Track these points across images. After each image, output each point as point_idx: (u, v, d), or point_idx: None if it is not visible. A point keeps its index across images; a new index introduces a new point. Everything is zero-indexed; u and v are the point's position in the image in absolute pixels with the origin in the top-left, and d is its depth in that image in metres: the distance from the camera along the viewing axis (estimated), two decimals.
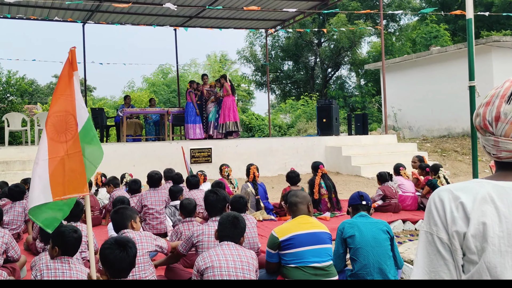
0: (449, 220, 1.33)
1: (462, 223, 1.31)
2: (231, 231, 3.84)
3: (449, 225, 1.33)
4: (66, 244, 3.69)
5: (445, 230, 1.34)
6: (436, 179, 8.38)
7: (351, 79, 32.72)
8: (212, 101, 14.29)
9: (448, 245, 1.33)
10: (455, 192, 1.35)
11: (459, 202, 1.32)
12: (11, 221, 6.48)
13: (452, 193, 1.35)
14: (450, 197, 1.35)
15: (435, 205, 1.37)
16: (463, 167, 13.84)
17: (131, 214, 4.33)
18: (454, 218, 1.32)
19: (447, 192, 1.37)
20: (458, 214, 1.32)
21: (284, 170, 11.53)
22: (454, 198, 1.34)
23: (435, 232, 1.36)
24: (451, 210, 1.33)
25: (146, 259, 4.08)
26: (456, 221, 1.32)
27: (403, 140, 17.28)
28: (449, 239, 1.33)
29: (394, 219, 7.55)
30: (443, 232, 1.34)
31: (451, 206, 1.34)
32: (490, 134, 1.42)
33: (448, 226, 1.33)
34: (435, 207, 1.37)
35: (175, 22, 17.65)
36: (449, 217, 1.33)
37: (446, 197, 1.36)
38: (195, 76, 30.47)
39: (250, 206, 7.78)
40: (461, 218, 1.31)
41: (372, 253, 4.30)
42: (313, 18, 29.16)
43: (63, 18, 16.08)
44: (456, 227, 1.31)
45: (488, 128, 1.41)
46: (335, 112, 15.00)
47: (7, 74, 18.43)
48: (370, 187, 10.94)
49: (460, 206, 1.32)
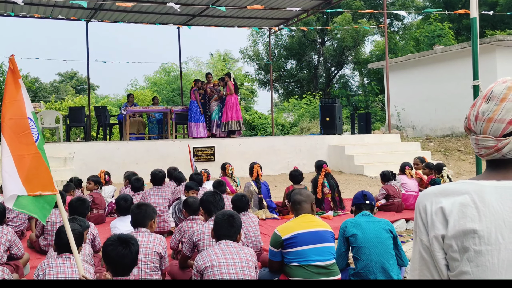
0: (429, 224, 1.39)
1: (440, 226, 1.36)
2: (228, 230, 3.84)
3: (429, 228, 1.39)
4: (62, 242, 3.69)
5: (426, 234, 1.40)
6: (440, 178, 8.37)
7: (355, 78, 32.69)
8: (215, 100, 14.29)
9: (427, 246, 1.40)
10: (437, 197, 1.40)
11: (439, 206, 1.37)
12: (14, 218, 6.50)
13: (434, 197, 1.40)
14: (432, 201, 1.40)
15: (419, 208, 1.43)
16: (466, 167, 13.81)
17: (152, 214, 4.35)
18: (433, 222, 1.38)
19: (430, 196, 1.42)
20: (437, 218, 1.37)
21: (287, 169, 11.53)
22: (435, 202, 1.39)
23: (418, 233, 1.43)
24: (431, 214, 1.39)
25: (155, 259, 4.10)
26: (434, 225, 1.37)
27: (407, 140, 17.25)
28: (428, 241, 1.39)
29: (397, 218, 7.55)
30: (424, 235, 1.40)
31: (432, 210, 1.39)
32: (473, 134, 1.48)
33: (428, 230, 1.39)
34: (419, 211, 1.43)
35: (178, 20, 17.66)
36: (430, 221, 1.39)
37: (428, 201, 1.41)
38: (198, 75, 30.47)
39: (253, 204, 7.79)
40: (440, 222, 1.36)
41: (375, 252, 4.31)
42: (317, 17, 29.13)
43: (67, 17, 16.09)
44: (435, 231, 1.37)
45: (471, 127, 1.47)
46: (338, 111, 14.99)
47: None
48: (373, 186, 10.92)
49: (440, 211, 1.37)
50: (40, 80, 42.10)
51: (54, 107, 22.29)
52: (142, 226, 4.26)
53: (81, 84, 45.79)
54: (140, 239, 4.01)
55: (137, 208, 4.35)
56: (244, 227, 5.24)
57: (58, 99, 29.38)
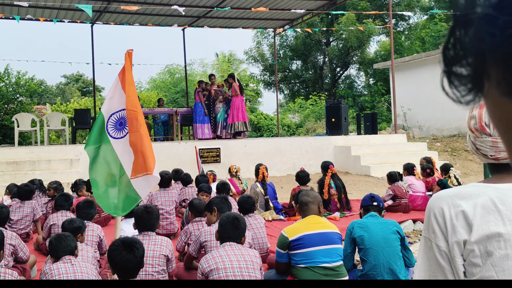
0: (449, 229, 1.31)
1: (463, 231, 1.29)
2: (232, 232, 3.82)
3: (449, 234, 1.31)
4: (57, 246, 3.71)
5: (444, 239, 1.32)
6: (447, 179, 8.31)
7: (360, 79, 32.61)
8: (220, 101, 14.27)
9: (446, 253, 1.32)
10: (455, 200, 1.32)
11: (460, 210, 1.30)
12: (19, 221, 6.49)
13: (452, 200, 1.32)
14: (450, 205, 1.32)
15: (433, 212, 1.35)
16: (473, 167, 13.74)
17: (159, 216, 4.35)
18: (454, 227, 1.30)
19: (446, 200, 1.34)
20: (458, 223, 1.29)
21: (293, 170, 11.49)
22: (454, 205, 1.31)
23: (433, 239, 1.34)
24: (451, 218, 1.31)
25: (162, 261, 4.09)
26: (456, 230, 1.30)
27: (413, 140, 17.18)
28: (447, 247, 1.31)
29: (404, 219, 7.50)
30: (442, 241, 1.32)
31: (450, 214, 1.31)
32: (486, 136, 1.42)
33: (448, 236, 1.31)
34: (434, 215, 1.34)
35: (183, 22, 17.67)
36: (449, 226, 1.31)
37: (445, 205, 1.33)
38: (203, 76, 30.48)
39: (259, 206, 7.76)
40: (462, 226, 1.29)
41: (382, 253, 4.28)
42: (321, 18, 29.07)
43: (72, 19, 16.14)
44: (456, 237, 1.29)
45: (485, 129, 1.41)
46: (344, 111, 14.94)
47: (17, 75, 18.51)
48: (380, 187, 10.87)
49: (461, 215, 1.29)
50: (45, 83, 42.27)
51: (59, 109, 22.34)
52: (150, 230, 4.24)
53: (86, 86, 45.90)
54: (147, 242, 4.00)
55: (146, 212, 4.31)
56: (251, 228, 5.22)
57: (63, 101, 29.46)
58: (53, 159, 11.11)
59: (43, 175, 9.82)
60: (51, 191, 7.33)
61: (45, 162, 11.12)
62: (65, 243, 3.72)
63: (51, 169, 10.99)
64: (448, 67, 0.65)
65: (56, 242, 3.73)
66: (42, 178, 8.63)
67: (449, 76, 0.65)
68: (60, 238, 3.75)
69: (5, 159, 11.02)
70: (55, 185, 7.36)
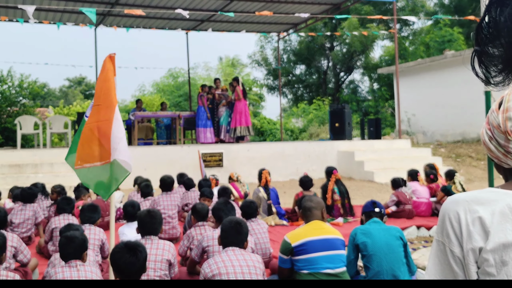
0: (465, 235, 1.26)
1: (479, 238, 1.24)
2: (235, 237, 3.79)
3: (464, 240, 1.26)
4: (67, 251, 3.67)
5: (459, 245, 1.27)
6: (451, 185, 8.26)
7: (364, 83, 32.57)
8: (224, 105, 14.25)
9: (460, 259, 1.27)
10: (472, 205, 1.27)
11: (477, 216, 1.25)
12: (20, 224, 6.47)
13: (468, 206, 1.27)
14: (467, 210, 1.27)
15: (449, 216, 1.30)
16: (478, 173, 13.67)
17: (162, 221, 4.31)
18: (470, 233, 1.25)
19: (462, 204, 1.28)
20: (475, 229, 1.25)
21: (296, 175, 11.45)
22: (470, 211, 1.26)
23: (447, 243, 1.29)
24: (467, 224, 1.26)
25: (164, 266, 4.06)
26: (472, 236, 1.25)
27: (417, 145, 17.12)
28: (462, 253, 1.27)
29: (408, 225, 7.44)
30: (456, 246, 1.28)
31: (467, 220, 1.26)
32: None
33: (463, 242, 1.26)
34: (449, 219, 1.29)
35: (187, 25, 17.69)
36: (465, 232, 1.26)
37: (462, 210, 1.28)
38: (206, 80, 30.48)
39: (262, 211, 7.72)
40: (478, 233, 1.24)
41: (386, 259, 4.24)
42: (325, 22, 29.08)
43: (76, 23, 16.16)
44: (472, 244, 1.24)
45: None
46: (347, 116, 14.90)
47: (20, 77, 18.54)
48: (383, 193, 10.82)
49: (478, 221, 1.25)
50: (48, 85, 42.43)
51: (62, 112, 22.35)
52: (153, 234, 4.20)
53: (89, 89, 45.98)
54: (149, 246, 3.97)
55: (149, 216, 4.27)
56: (253, 233, 5.18)
57: (66, 104, 29.48)
58: (56, 162, 11.10)
59: (46, 178, 9.80)
60: (54, 194, 7.30)
61: (47, 165, 11.11)
62: (73, 247, 3.68)
63: (53, 172, 10.98)
64: (480, 47, 0.61)
65: (65, 245, 3.69)
66: (44, 181, 8.60)
67: (480, 56, 0.62)
68: (69, 240, 3.70)
69: (7, 162, 11.02)
70: (58, 189, 7.33)
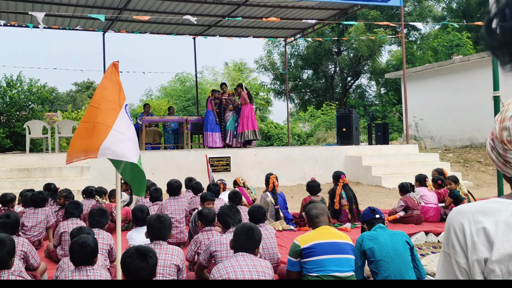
0: (470, 246, 1.26)
1: (483, 249, 1.24)
2: (246, 243, 3.81)
3: (469, 251, 1.26)
4: (78, 257, 3.69)
5: (464, 256, 1.27)
6: (458, 190, 8.22)
7: (371, 88, 32.54)
8: (230, 110, 14.27)
9: (465, 270, 1.27)
10: (476, 216, 1.27)
11: (481, 227, 1.25)
12: (33, 227, 6.51)
13: (473, 216, 1.27)
14: (471, 221, 1.27)
15: (453, 227, 1.30)
16: (486, 178, 13.58)
17: (171, 226, 4.33)
18: (475, 244, 1.25)
19: (467, 215, 1.29)
20: (479, 240, 1.25)
21: (304, 180, 11.43)
22: (475, 222, 1.27)
23: (453, 255, 1.30)
24: (472, 235, 1.26)
25: (172, 271, 4.08)
26: (477, 247, 1.25)
27: (425, 150, 17.04)
28: (467, 263, 1.27)
29: (416, 231, 7.40)
30: (462, 257, 1.28)
31: (471, 230, 1.26)
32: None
33: (468, 252, 1.27)
34: (454, 230, 1.30)
35: (194, 31, 17.75)
36: (470, 243, 1.26)
37: (466, 220, 1.28)
38: (213, 85, 30.54)
39: (270, 216, 7.71)
40: (483, 244, 1.24)
41: (393, 264, 4.26)
42: (332, 27, 29.08)
43: (84, 27, 16.27)
44: (477, 255, 1.25)
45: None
46: (355, 121, 14.87)
47: (29, 82, 18.67)
48: (391, 198, 10.78)
49: (482, 232, 1.25)
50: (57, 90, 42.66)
51: (70, 116, 22.45)
52: (162, 239, 4.22)
53: None
54: (158, 251, 3.99)
55: (158, 221, 4.28)
56: (261, 239, 5.18)
57: (74, 108, 29.64)
58: (64, 167, 11.15)
59: (54, 182, 9.84)
60: (61, 199, 7.33)
61: (56, 169, 11.17)
62: (85, 254, 3.70)
63: (61, 176, 11.03)
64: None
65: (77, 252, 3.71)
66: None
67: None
68: (81, 248, 3.71)
69: (16, 166, 11.08)
70: (65, 193, 7.36)
